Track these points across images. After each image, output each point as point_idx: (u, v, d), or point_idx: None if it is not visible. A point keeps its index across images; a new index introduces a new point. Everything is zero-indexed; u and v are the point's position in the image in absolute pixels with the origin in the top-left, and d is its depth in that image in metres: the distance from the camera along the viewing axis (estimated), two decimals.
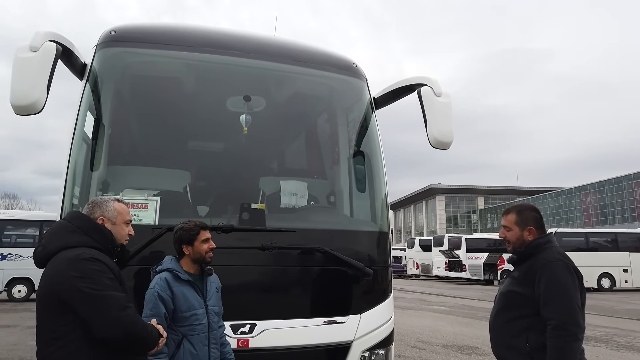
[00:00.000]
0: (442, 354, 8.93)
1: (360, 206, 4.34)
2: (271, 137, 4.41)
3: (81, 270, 2.13)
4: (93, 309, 2.11)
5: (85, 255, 2.19)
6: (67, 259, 2.18)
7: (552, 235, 2.95)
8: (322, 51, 4.56)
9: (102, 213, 2.44)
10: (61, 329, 2.13)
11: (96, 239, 2.33)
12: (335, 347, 3.53)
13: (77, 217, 2.43)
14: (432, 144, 3.84)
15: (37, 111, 3.05)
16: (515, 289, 2.85)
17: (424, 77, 3.97)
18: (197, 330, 2.83)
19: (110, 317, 2.13)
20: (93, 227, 2.37)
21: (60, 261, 2.19)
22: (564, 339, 2.57)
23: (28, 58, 3.04)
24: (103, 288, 2.14)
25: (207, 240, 2.92)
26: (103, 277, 2.17)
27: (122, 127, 4.09)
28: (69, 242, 2.27)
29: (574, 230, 31.21)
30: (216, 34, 4.25)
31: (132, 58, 3.94)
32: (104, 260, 2.24)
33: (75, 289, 2.10)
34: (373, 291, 3.82)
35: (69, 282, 2.12)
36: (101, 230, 2.38)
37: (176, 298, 2.79)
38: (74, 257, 2.17)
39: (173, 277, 2.84)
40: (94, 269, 2.16)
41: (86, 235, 2.32)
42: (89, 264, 2.16)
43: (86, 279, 2.12)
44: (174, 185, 3.97)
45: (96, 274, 2.16)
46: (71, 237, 2.30)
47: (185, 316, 2.80)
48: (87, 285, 2.11)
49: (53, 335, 2.14)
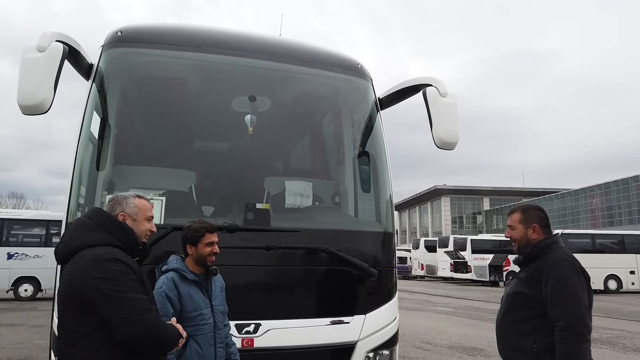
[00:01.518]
0: (447, 355, 8.90)
1: (365, 206, 4.34)
2: (276, 137, 4.41)
3: (103, 271, 2.10)
4: (115, 311, 2.08)
5: (107, 255, 2.15)
6: (88, 258, 2.15)
7: (558, 236, 2.94)
8: (327, 51, 4.56)
9: (122, 209, 2.41)
10: (83, 330, 2.10)
11: (118, 237, 2.29)
12: (339, 347, 3.52)
13: (98, 214, 2.39)
14: (437, 144, 3.84)
15: (44, 111, 3.07)
16: (522, 290, 2.83)
17: (429, 78, 3.97)
18: (204, 330, 2.84)
19: (132, 320, 2.10)
20: (115, 224, 2.33)
21: (82, 260, 2.15)
22: (572, 340, 2.55)
23: (35, 58, 3.06)
24: (125, 290, 2.11)
25: (211, 243, 2.92)
26: (125, 278, 2.13)
27: (128, 127, 4.11)
28: (91, 241, 2.23)
29: (581, 232, 31.04)
30: (222, 34, 4.26)
31: (138, 58, 3.96)
32: (125, 260, 2.21)
33: (97, 291, 2.07)
34: (378, 292, 3.81)
35: (90, 282, 2.08)
36: (123, 228, 2.34)
37: (182, 298, 2.80)
38: (95, 257, 2.14)
39: (179, 277, 2.85)
40: (115, 270, 2.12)
41: (108, 234, 2.28)
42: (111, 264, 2.13)
43: (108, 281, 2.08)
44: (179, 185, 3.98)
45: (118, 275, 2.12)
46: (93, 235, 2.26)
47: (191, 316, 2.81)
48: (109, 287, 2.07)
49: (75, 335, 2.12)
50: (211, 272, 2.99)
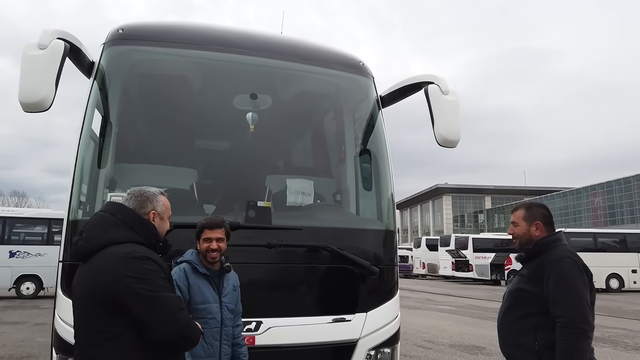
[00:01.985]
0: (448, 353, 8.90)
1: (367, 205, 4.33)
2: (277, 135, 4.41)
3: (136, 270, 2.03)
4: (150, 311, 2.02)
5: (137, 253, 2.08)
6: (117, 257, 2.06)
7: (561, 234, 2.93)
8: (329, 49, 4.55)
9: (153, 207, 2.33)
10: (112, 330, 2.03)
11: (141, 234, 2.21)
12: (340, 345, 3.52)
13: (121, 210, 2.26)
14: (439, 142, 3.82)
15: (45, 108, 3.07)
16: (524, 287, 2.83)
17: (431, 75, 3.96)
18: (210, 325, 2.88)
19: (168, 319, 2.05)
20: (139, 221, 2.25)
21: (110, 259, 2.07)
22: (573, 337, 2.55)
23: (36, 56, 3.06)
24: (159, 289, 2.06)
25: (208, 239, 2.96)
26: (157, 277, 2.08)
27: (130, 125, 4.11)
28: (116, 238, 2.14)
29: (582, 231, 31.01)
30: (223, 32, 4.26)
31: (139, 56, 3.96)
32: (154, 258, 2.15)
33: (131, 291, 2.00)
34: (379, 290, 3.80)
35: (122, 282, 2.01)
36: (147, 225, 2.26)
37: (192, 289, 2.87)
38: (125, 256, 2.06)
39: (191, 269, 2.93)
40: (148, 269, 2.06)
41: (131, 230, 2.19)
42: (143, 263, 2.06)
43: (142, 280, 2.02)
44: (180, 183, 3.98)
45: (151, 274, 2.06)
46: (117, 231, 2.17)
47: (199, 308, 2.87)
48: (143, 287, 2.01)
49: (103, 335, 2.03)
50: (224, 269, 3.03)
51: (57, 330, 3.13)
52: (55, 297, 3.27)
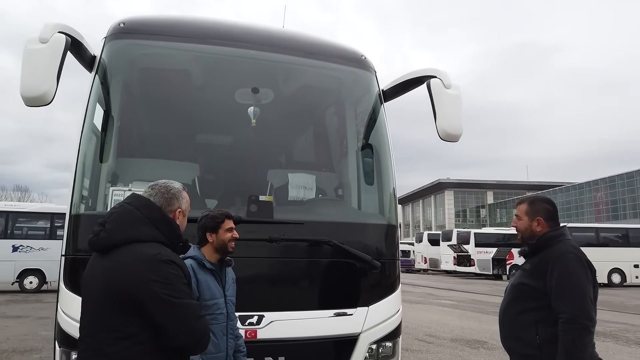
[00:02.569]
0: (449, 347, 8.91)
1: (369, 199, 4.33)
2: (279, 129, 4.40)
3: (160, 275, 1.99)
4: (171, 317, 2.00)
5: (163, 257, 2.04)
6: (142, 258, 2.02)
7: (565, 229, 2.90)
8: (331, 43, 4.53)
9: (179, 205, 2.28)
10: (129, 330, 2.00)
11: (164, 233, 2.15)
12: (342, 339, 3.53)
13: (148, 206, 2.18)
14: (441, 136, 3.81)
15: (47, 102, 3.06)
16: (526, 282, 2.82)
17: (433, 69, 3.94)
18: (219, 320, 2.85)
19: (188, 326, 2.03)
20: (164, 220, 2.18)
21: (134, 258, 2.02)
22: (576, 332, 2.54)
23: (37, 50, 3.05)
24: (181, 296, 2.03)
25: (230, 229, 2.93)
26: (180, 282, 2.05)
27: (131, 119, 4.11)
28: (141, 236, 2.08)
29: (585, 226, 30.98)
30: (225, 26, 4.24)
31: (141, 50, 3.95)
32: (178, 262, 2.12)
33: (154, 295, 1.97)
34: (381, 284, 3.81)
35: (146, 285, 1.97)
36: (171, 224, 2.20)
37: (200, 286, 2.81)
38: (151, 258, 2.01)
39: (198, 265, 2.86)
40: (172, 274, 2.03)
41: (156, 229, 2.13)
42: (168, 267, 2.03)
43: (166, 285, 1.99)
44: (182, 178, 3.95)
45: (174, 279, 2.03)
46: (143, 229, 2.10)
47: (208, 304, 2.82)
48: (167, 292, 1.98)
49: (118, 334, 1.99)
50: (226, 262, 2.99)
51: (60, 324, 3.14)
52: (58, 291, 3.28)
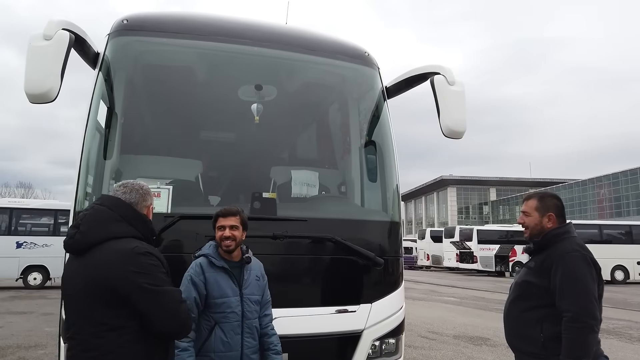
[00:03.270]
0: (452, 344, 8.92)
1: (372, 196, 4.32)
2: (282, 126, 4.40)
3: (140, 266, 2.11)
4: (154, 304, 2.11)
5: (140, 249, 2.15)
6: (121, 252, 2.12)
7: (570, 226, 2.87)
8: (334, 40, 4.52)
9: (151, 201, 2.43)
10: (115, 321, 2.10)
11: (138, 228, 2.27)
12: (345, 335, 3.53)
13: (118, 204, 2.29)
14: (444, 133, 3.80)
15: (51, 99, 3.06)
16: (531, 279, 2.81)
17: (437, 66, 3.93)
18: (229, 318, 2.81)
19: (171, 312, 2.15)
20: (138, 217, 2.30)
21: (113, 253, 2.12)
22: (580, 331, 2.53)
23: (42, 47, 3.05)
24: (162, 283, 2.15)
25: (221, 227, 2.89)
26: (158, 271, 2.16)
27: (135, 116, 4.11)
28: (116, 233, 2.19)
29: (588, 222, 30.91)
30: (228, 22, 4.23)
31: (144, 47, 3.95)
32: (155, 253, 2.22)
33: (136, 285, 2.08)
34: (384, 281, 3.81)
35: (127, 277, 2.08)
36: (145, 221, 2.33)
37: (209, 284, 2.80)
38: (130, 252, 2.13)
39: (208, 263, 2.85)
40: (151, 264, 2.14)
41: (131, 226, 2.25)
42: (146, 258, 2.14)
43: (146, 275, 2.10)
44: (186, 174, 3.99)
45: (153, 269, 2.14)
46: (116, 226, 2.21)
47: (217, 302, 2.80)
48: (148, 282, 2.10)
49: (106, 327, 2.09)
50: (244, 260, 2.95)
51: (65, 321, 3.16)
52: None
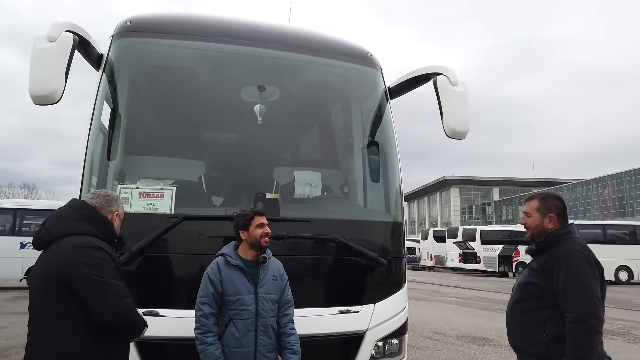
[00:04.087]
0: (455, 345, 8.91)
1: (374, 196, 4.33)
2: (285, 127, 4.41)
3: (87, 257, 2.26)
4: (95, 294, 2.23)
5: (91, 243, 2.32)
6: (73, 245, 2.29)
7: (572, 226, 2.88)
8: (337, 40, 4.52)
9: (117, 208, 2.63)
10: (61, 310, 2.22)
11: (98, 229, 2.44)
12: (348, 336, 3.54)
13: (83, 206, 2.51)
14: (447, 133, 3.80)
15: (55, 101, 3.08)
16: (533, 280, 2.81)
17: (439, 66, 3.93)
18: (243, 316, 2.92)
19: (111, 303, 2.26)
20: (97, 217, 2.49)
21: (67, 246, 2.29)
22: (583, 332, 2.53)
23: (46, 48, 3.07)
24: (106, 276, 2.27)
25: (261, 225, 3.01)
26: (106, 265, 2.30)
27: (138, 117, 4.13)
28: (74, 229, 2.37)
29: (592, 223, 30.78)
30: (231, 23, 4.24)
31: (147, 48, 3.96)
32: (107, 249, 2.38)
33: (81, 275, 2.22)
34: (387, 281, 3.81)
35: (74, 267, 2.23)
36: (104, 222, 2.51)
37: (224, 281, 2.92)
38: (80, 244, 2.29)
39: (224, 262, 2.98)
40: (99, 257, 2.29)
41: (90, 225, 2.43)
42: (95, 251, 2.29)
43: (91, 266, 2.24)
44: (189, 175, 4.00)
45: (101, 261, 2.28)
46: (77, 224, 2.40)
47: (231, 300, 2.92)
48: (92, 272, 2.23)
49: (53, 315, 2.24)
50: (260, 259, 3.04)
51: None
52: None
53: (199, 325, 2.89)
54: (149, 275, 3.29)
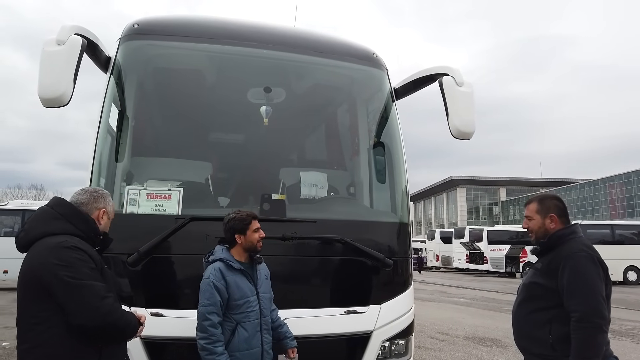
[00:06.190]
0: (462, 345, 8.89)
1: (381, 197, 4.33)
2: (291, 128, 4.42)
3: (62, 259, 2.17)
4: (71, 297, 2.14)
5: (67, 243, 2.22)
6: (48, 246, 2.21)
7: (576, 226, 2.90)
8: (342, 41, 4.54)
9: (105, 205, 2.53)
10: (42, 315, 2.16)
11: (78, 227, 2.35)
12: (355, 336, 3.55)
13: (61, 204, 2.43)
14: (453, 134, 3.81)
15: (64, 103, 3.12)
16: (538, 281, 2.82)
17: (445, 67, 3.93)
18: (251, 317, 2.95)
19: (88, 306, 2.16)
20: (77, 215, 2.39)
21: (43, 248, 2.22)
22: (588, 331, 2.53)
23: (55, 52, 3.10)
24: (83, 277, 2.18)
25: (257, 229, 3.05)
26: (84, 266, 2.21)
27: (146, 119, 4.16)
28: (52, 229, 2.29)
29: (600, 223, 30.56)
30: (237, 25, 4.27)
31: (155, 51, 4.00)
32: (85, 248, 2.27)
33: (56, 277, 2.14)
34: (393, 282, 3.82)
35: (49, 269, 2.15)
36: (85, 220, 2.40)
37: (230, 287, 2.92)
38: (55, 245, 2.21)
39: (226, 267, 2.96)
40: (75, 258, 2.20)
41: (69, 223, 2.34)
42: (71, 252, 2.20)
43: (67, 267, 2.16)
44: (196, 176, 4.03)
45: (77, 262, 2.19)
46: (55, 224, 2.31)
47: (238, 304, 2.93)
48: (67, 274, 2.14)
49: (34, 320, 2.17)
50: (256, 260, 3.10)
51: None
52: None
53: (207, 335, 2.82)
54: (157, 276, 3.31)
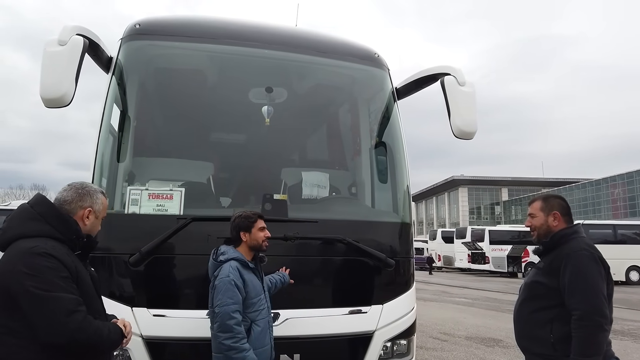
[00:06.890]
0: (464, 345, 8.88)
1: (382, 197, 4.33)
2: (293, 128, 4.42)
3: (31, 266, 1.95)
4: (37, 310, 1.93)
5: (39, 249, 2.00)
6: (19, 252, 2.01)
7: (579, 226, 2.91)
8: (344, 41, 4.54)
9: (91, 204, 2.27)
10: (12, 325, 1.96)
11: (58, 229, 2.13)
12: (357, 336, 3.55)
13: (40, 202, 2.19)
14: (455, 134, 3.80)
15: (66, 104, 3.12)
16: (540, 280, 2.82)
17: (447, 67, 3.93)
18: (263, 314, 3.02)
19: (55, 321, 1.94)
20: (56, 215, 2.16)
21: (15, 253, 2.02)
22: (589, 329, 2.54)
23: (56, 52, 3.11)
24: (51, 288, 1.94)
25: (263, 228, 3.09)
26: (54, 275, 1.97)
27: (148, 119, 4.17)
28: (27, 231, 2.08)
29: (602, 222, 30.51)
30: (239, 25, 4.27)
31: (156, 51, 4.00)
32: (58, 255, 2.03)
33: (22, 287, 1.93)
34: (395, 282, 3.81)
35: (17, 277, 1.94)
36: (65, 220, 2.17)
37: (247, 285, 2.96)
38: (26, 251, 2.00)
39: (242, 265, 2.99)
40: (45, 266, 1.97)
41: (47, 224, 2.11)
42: (42, 259, 1.97)
43: (34, 277, 1.94)
44: (198, 176, 4.03)
45: (46, 271, 1.96)
46: (31, 225, 2.10)
47: (254, 302, 2.98)
48: (34, 284, 1.92)
49: (3, 330, 1.97)
50: (260, 259, 3.16)
51: None
52: None
53: (234, 334, 2.81)
54: (159, 276, 3.32)
